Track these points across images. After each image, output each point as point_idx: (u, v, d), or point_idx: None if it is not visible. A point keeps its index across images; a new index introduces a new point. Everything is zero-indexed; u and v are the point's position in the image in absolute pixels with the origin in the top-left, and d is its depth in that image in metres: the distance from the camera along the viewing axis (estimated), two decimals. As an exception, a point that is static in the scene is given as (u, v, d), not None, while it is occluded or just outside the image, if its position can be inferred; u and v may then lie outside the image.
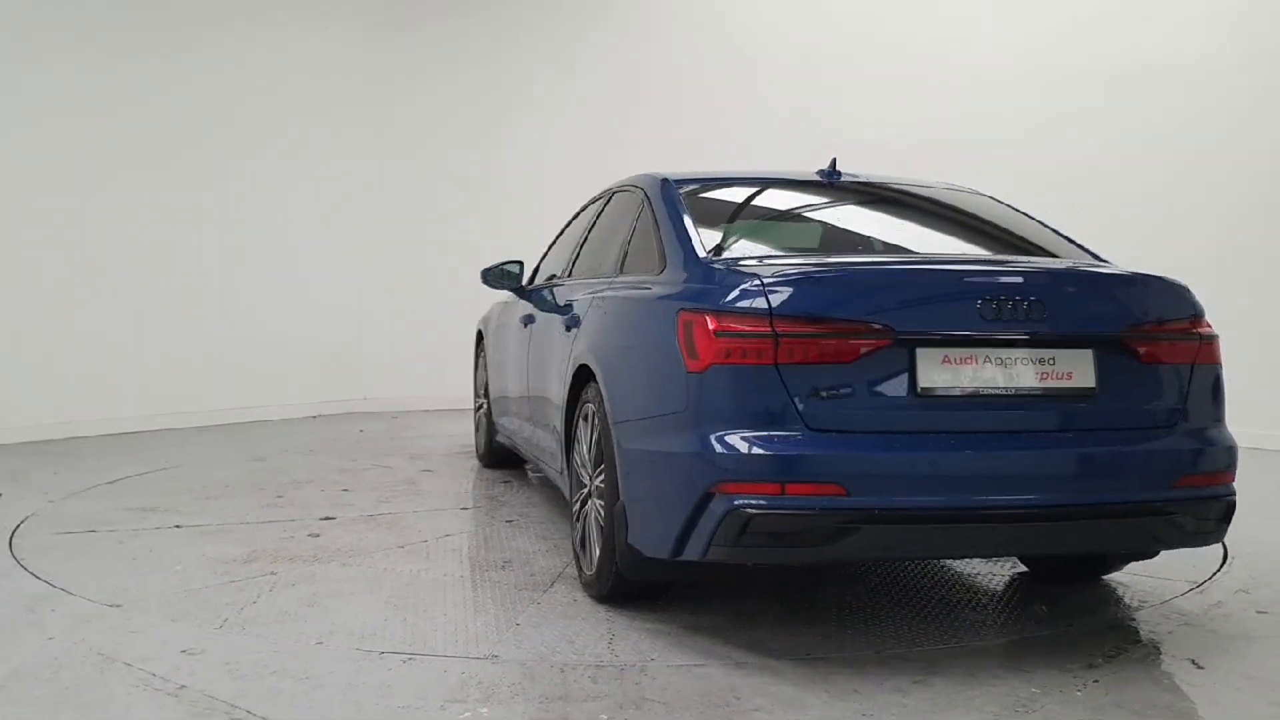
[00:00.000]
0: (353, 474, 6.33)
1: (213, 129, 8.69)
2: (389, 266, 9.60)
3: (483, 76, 9.91)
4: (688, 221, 3.83)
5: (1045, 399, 3.19)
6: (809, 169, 4.51)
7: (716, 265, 3.48)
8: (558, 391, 4.34)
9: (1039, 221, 4.23)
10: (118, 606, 3.67)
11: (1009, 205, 4.40)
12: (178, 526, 4.85)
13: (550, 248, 5.88)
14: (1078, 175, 7.51)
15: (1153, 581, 4.17)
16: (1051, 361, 3.18)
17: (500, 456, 6.39)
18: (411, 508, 5.36)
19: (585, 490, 3.92)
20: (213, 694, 2.91)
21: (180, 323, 8.48)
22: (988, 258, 3.75)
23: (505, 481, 6.12)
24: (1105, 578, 4.15)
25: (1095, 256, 3.91)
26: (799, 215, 4.39)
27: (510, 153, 9.74)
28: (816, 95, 8.77)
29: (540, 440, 4.89)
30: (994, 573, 4.22)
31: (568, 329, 4.33)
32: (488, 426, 6.36)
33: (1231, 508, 3.30)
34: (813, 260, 3.62)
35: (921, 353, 3.10)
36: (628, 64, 9.65)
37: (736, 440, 3.05)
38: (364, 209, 9.64)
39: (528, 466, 6.46)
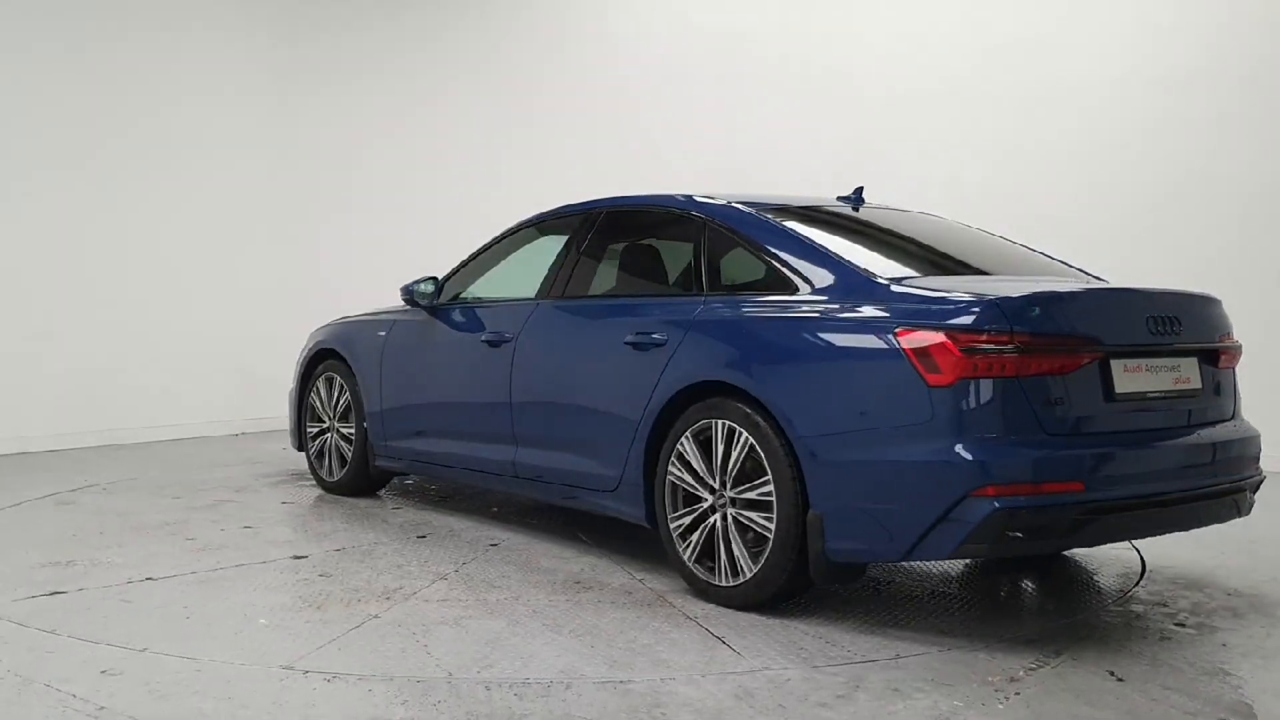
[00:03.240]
0: (214, 509, 5.79)
1: (130, 139, 8.59)
2: (308, 282, 9.51)
3: (390, 86, 9.95)
4: (821, 243, 4.07)
5: (1178, 399, 3.81)
6: (827, 195, 4.81)
7: (912, 287, 3.72)
8: (630, 410, 4.29)
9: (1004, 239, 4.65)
10: (290, 669, 3.25)
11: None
12: (149, 579, 4.33)
13: (463, 267, 5.58)
14: (997, 197, 7.59)
15: (1073, 594, 4.26)
16: (1177, 368, 3.80)
17: (363, 483, 6.03)
18: (370, 539, 5.04)
19: (704, 505, 3.99)
20: (134, 715, 2.88)
21: (95, 339, 8.36)
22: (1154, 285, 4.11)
23: (395, 508, 5.80)
24: (1039, 582, 4.29)
25: (1095, 276, 4.40)
26: (887, 238, 4.50)
27: (420, 164, 9.79)
28: (737, 118, 8.82)
29: (554, 462, 4.72)
30: (924, 577, 4.29)
31: (639, 349, 4.28)
32: (358, 452, 5.93)
33: (1261, 483, 4.04)
34: (1000, 282, 3.90)
35: (1114, 363, 3.60)
36: (543, 82, 9.70)
37: (992, 447, 3.36)
38: (285, 227, 9.57)
39: (385, 491, 6.21)
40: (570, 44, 9.73)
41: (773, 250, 4.11)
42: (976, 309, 3.43)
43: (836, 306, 3.77)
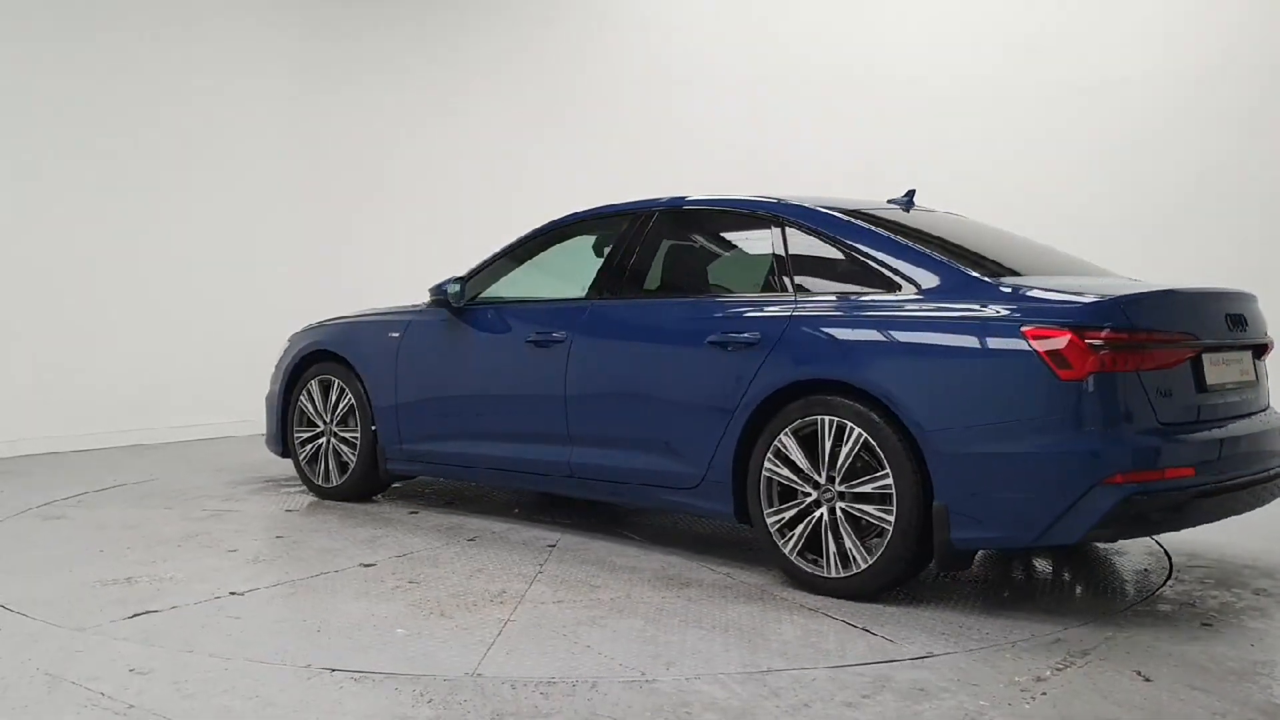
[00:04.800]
0: (219, 519, 5.53)
1: (160, 139, 8.66)
2: (336, 280, 9.55)
3: (415, 84, 9.99)
4: (919, 246, 4.18)
5: (1244, 388, 4.12)
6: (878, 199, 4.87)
7: (1024, 287, 3.87)
8: (718, 409, 4.35)
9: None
10: (479, 678, 3.16)
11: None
12: (234, 593, 4.13)
13: (487, 266, 5.46)
14: (1024, 193, 7.56)
15: (1100, 594, 4.24)
16: (1241, 361, 4.14)
17: (367, 488, 5.91)
18: (423, 545, 4.89)
19: (808, 499, 4.09)
20: (163, 713, 2.90)
21: (135, 337, 8.45)
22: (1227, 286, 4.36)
23: (412, 512, 5.69)
24: (1066, 581, 4.26)
25: (1130, 278, 4.51)
26: (951, 239, 4.48)
27: (446, 163, 9.83)
28: (759, 119, 8.80)
29: (621, 462, 4.71)
30: (951, 577, 4.28)
31: (726, 349, 4.33)
32: (364, 456, 5.79)
33: None
34: (1105, 281, 4.14)
35: (1205, 357, 3.90)
36: (567, 83, 9.72)
37: (1119, 437, 3.61)
38: (312, 226, 9.64)
39: (380, 497, 6.05)
40: (596, 45, 9.73)
41: (869, 251, 4.21)
42: (1102, 308, 3.66)
43: (953, 305, 3.90)
